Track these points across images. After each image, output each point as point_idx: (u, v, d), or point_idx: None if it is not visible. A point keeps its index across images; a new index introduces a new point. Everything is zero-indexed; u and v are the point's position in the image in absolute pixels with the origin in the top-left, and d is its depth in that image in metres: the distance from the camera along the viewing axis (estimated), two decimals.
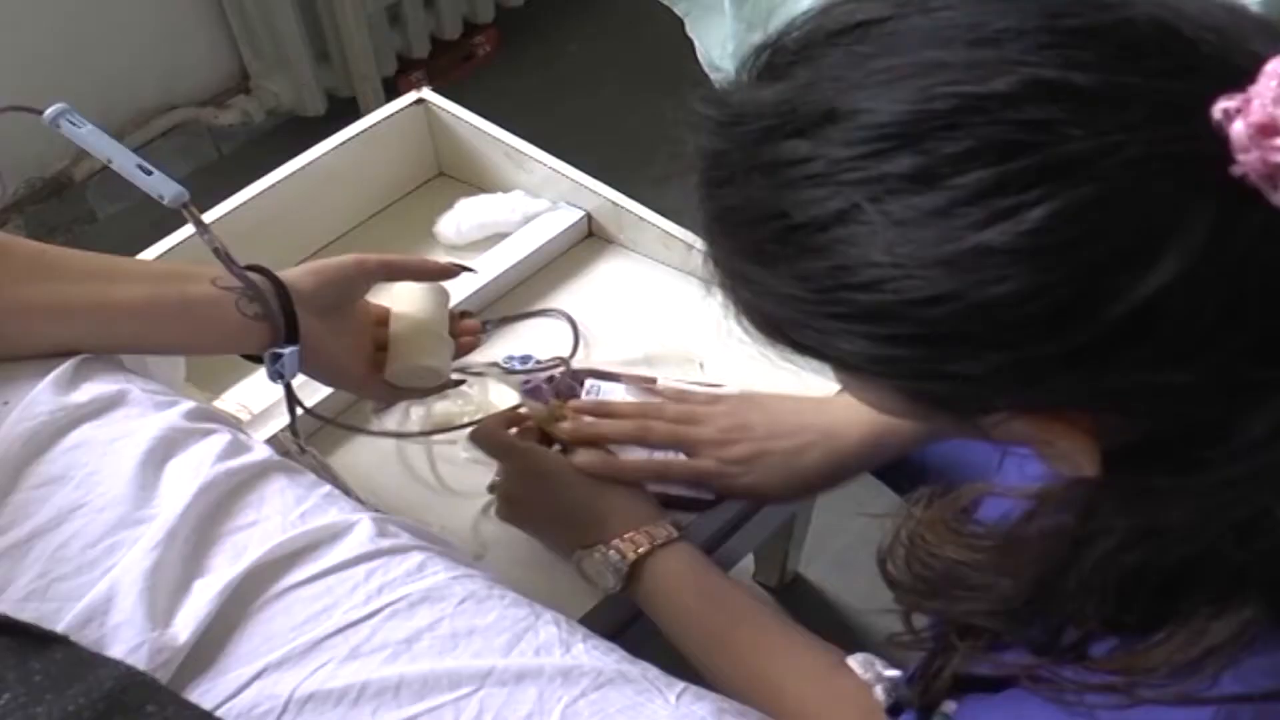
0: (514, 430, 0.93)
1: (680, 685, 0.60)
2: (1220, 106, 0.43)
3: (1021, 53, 0.45)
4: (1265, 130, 0.42)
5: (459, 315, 0.95)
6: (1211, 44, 0.45)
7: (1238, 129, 0.42)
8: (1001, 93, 0.45)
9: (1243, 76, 0.43)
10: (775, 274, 0.51)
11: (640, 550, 0.83)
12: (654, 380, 0.99)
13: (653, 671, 0.60)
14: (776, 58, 0.53)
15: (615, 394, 0.98)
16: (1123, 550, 0.53)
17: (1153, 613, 0.54)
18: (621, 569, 0.84)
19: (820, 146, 0.48)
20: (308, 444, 0.92)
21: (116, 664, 0.52)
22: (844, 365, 0.53)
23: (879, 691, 0.68)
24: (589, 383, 0.99)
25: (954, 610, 0.63)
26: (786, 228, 0.49)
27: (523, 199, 1.22)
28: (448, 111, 1.25)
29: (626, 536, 0.84)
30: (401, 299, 0.91)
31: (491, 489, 0.96)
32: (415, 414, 1.06)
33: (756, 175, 0.51)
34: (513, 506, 0.92)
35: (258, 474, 0.67)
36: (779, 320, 0.54)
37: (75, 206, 2.15)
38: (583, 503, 0.87)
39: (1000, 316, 0.46)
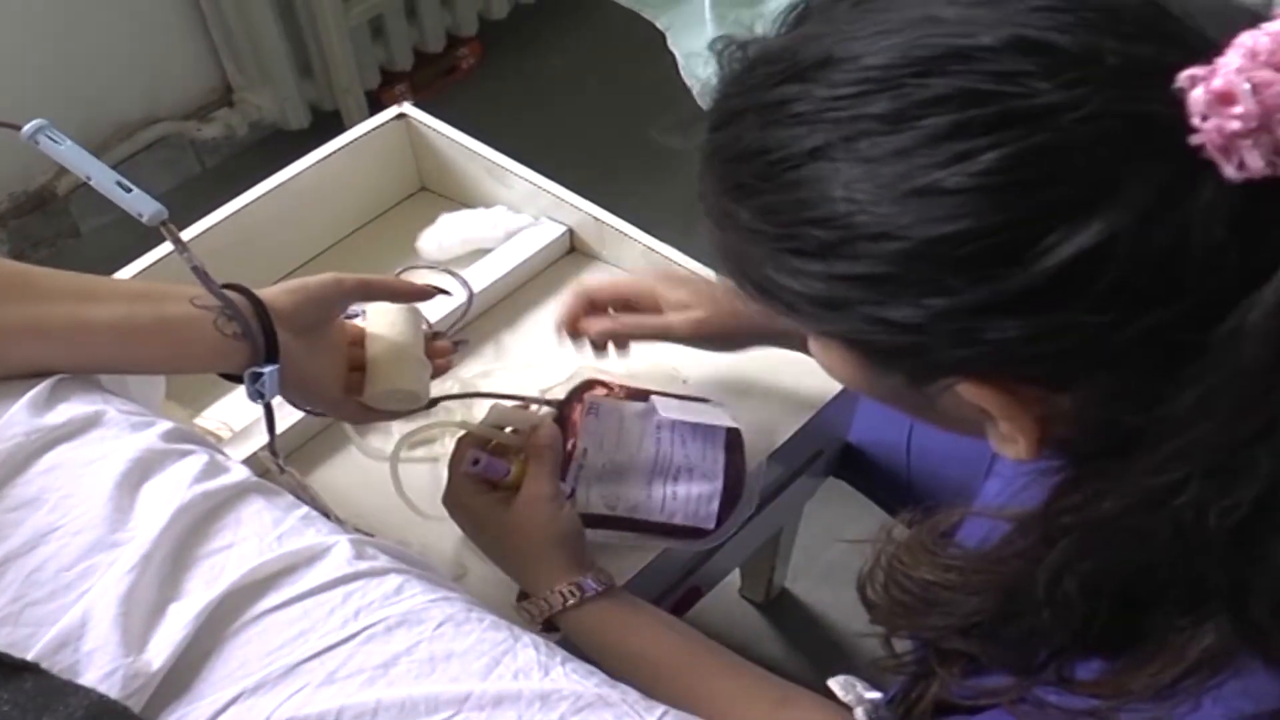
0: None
1: (660, 709, 0.59)
2: (1186, 74, 0.45)
3: (1014, 14, 0.48)
4: (1224, 98, 0.44)
5: (431, 336, 0.95)
6: (1195, 20, 0.47)
7: (1196, 95, 0.44)
8: (985, 45, 0.47)
9: (1217, 52, 0.45)
10: (747, 208, 0.54)
11: (543, 616, 0.84)
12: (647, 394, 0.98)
13: (632, 695, 0.60)
14: (798, 14, 0.56)
15: (616, 413, 0.97)
16: (1076, 557, 0.53)
17: (1121, 631, 0.55)
18: (535, 629, 0.83)
19: (810, 89, 0.51)
20: (287, 464, 0.91)
21: (88, 692, 0.51)
22: (796, 311, 0.56)
23: (860, 714, 0.68)
24: (589, 399, 0.97)
25: (926, 630, 0.64)
26: (766, 164, 0.52)
27: (505, 214, 1.22)
28: (429, 126, 1.24)
29: (536, 599, 0.85)
30: (377, 320, 0.90)
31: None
32: (398, 432, 1.06)
33: (751, 115, 0.54)
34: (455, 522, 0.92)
35: (235, 496, 0.67)
36: (744, 258, 0.56)
37: (58, 220, 2.14)
38: (508, 565, 0.89)
39: (943, 257, 0.48)
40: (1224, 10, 0.48)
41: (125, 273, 1.09)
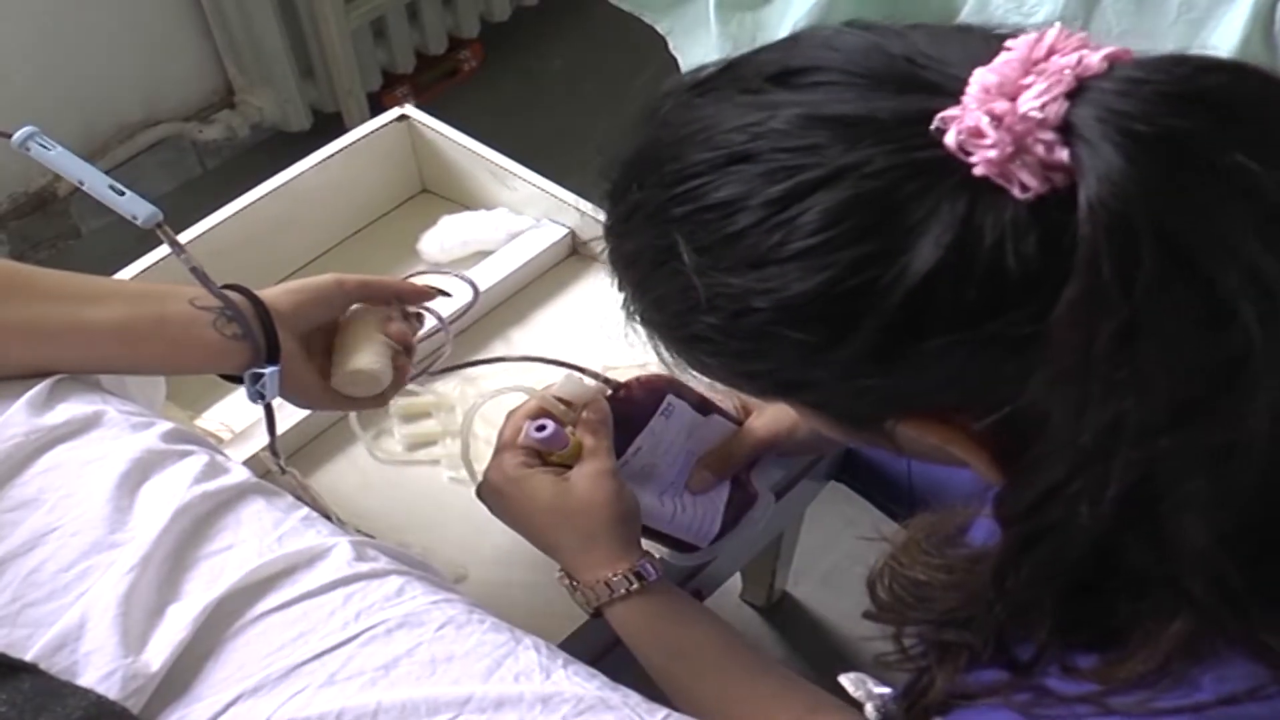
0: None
1: (663, 712, 0.59)
2: (939, 118, 0.49)
3: (800, 94, 0.54)
4: (974, 134, 0.48)
5: (410, 318, 0.92)
6: (947, 64, 0.51)
7: (950, 137, 0.48)
8: (778, 129, 0.52)
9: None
10: (644, 303, 0.61)
11: (598, 603, 0.82)
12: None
13: (634, 698, 0.60)
14: (646, 116, 0.61)
15: (680, 421, 0.95)
16: (1016, 552, 0.55)
17: (1094, 623, 0.56)
18: (588, 612, 0.84)
19: (650, 194, 0.57)
20: (288, 464, 0.91)
21: (86, 693, 0.51)
22: (732, 387, 0.62)
23: (870, 710, 0.68)
24: (670, 401, 0.95)
25: (910, 625, 0.65)
26: (646, 263, 0.59)
27: (506, 216, 1.22)
28: (430, 128, 1.24)
29: (590, 585, 0.82)
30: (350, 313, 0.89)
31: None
32: (398, 433, 1.06)
33: (615, 225, 0.62)
34: (495, 505, 0.89)
35: (235, 496, 0.66)
36: (669, 349, 0.62)
37: (59, 221, 2.14)
38: (561, 545, 0.85)
39: (803, 316, 0.52)
40: (966, 43, 0.52)
41: (125, 274, 1.09)
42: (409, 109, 1.25)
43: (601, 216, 1.14)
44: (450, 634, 0.60)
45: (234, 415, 1.05)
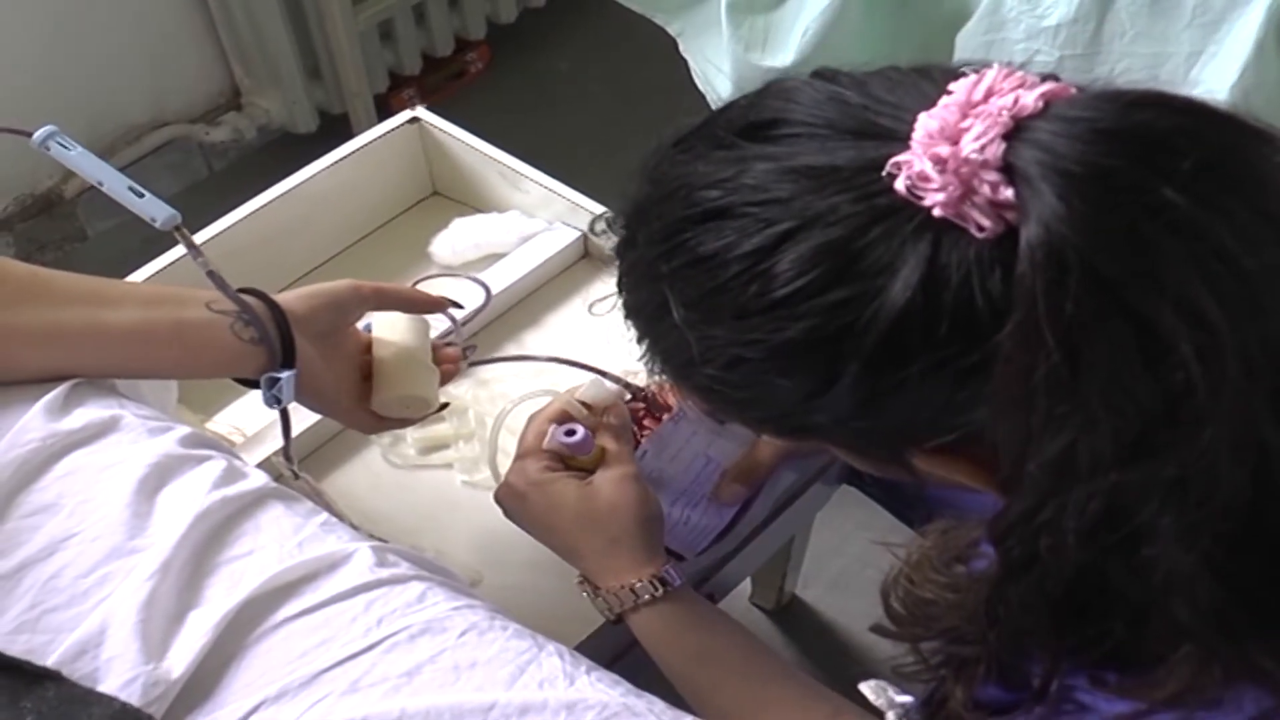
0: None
1: (687, 718, 0.59)
2: (890, 163, 0.51)
3: (769, 149, 0.55)
4: (922, 178, 0.50)
5: (440, 343, 0.94)
6: (901, 109, 0.53)
7: (899, 184, 0.50)
8: (749, 184, 0.54)
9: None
10: (655, 355, 0.63)
11: (621, 609, 0.82)
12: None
13: (659, 705, 0.59)
14: (641, 175, 0.63)
15: (691, 429, 0.95)
16: (1005, 577, 0.56)
17: (1091, 648, 0.56)
18: (609, 618, 0.83)
19: (640, 252, 0.60)
20: (301, 469, 0.91)
21: (111, 700, 0.51)
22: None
23: (891, 718, 0.68)
24: (681, 406, 0.96)
25: (917, 640, 0.65)
26: (642, 321, 0.63)
27: (519, 219, 1.21)
28: (443, 130, 1.24)
29: (614, 590, 0.82)
30: (383, 327, 0.90)
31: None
32: (410, 437, 1.05)
33: (623, 279, 0.64)
34: (516, 510, 0.88)
35: (254, 502, 0.66)
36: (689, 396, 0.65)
37: (65, 224, 2.14)
38: (584, 550, 0.84)
39: (791, 364, 0.55)
40: (920, 88, 0.54)
41: (136, 277, 1.09)
42: (421, 111, 1.25)
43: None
44: (473, 640, 0.59)
45: (245, 419, 1.05)
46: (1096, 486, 0.49)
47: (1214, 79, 1.07)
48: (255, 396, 0.79)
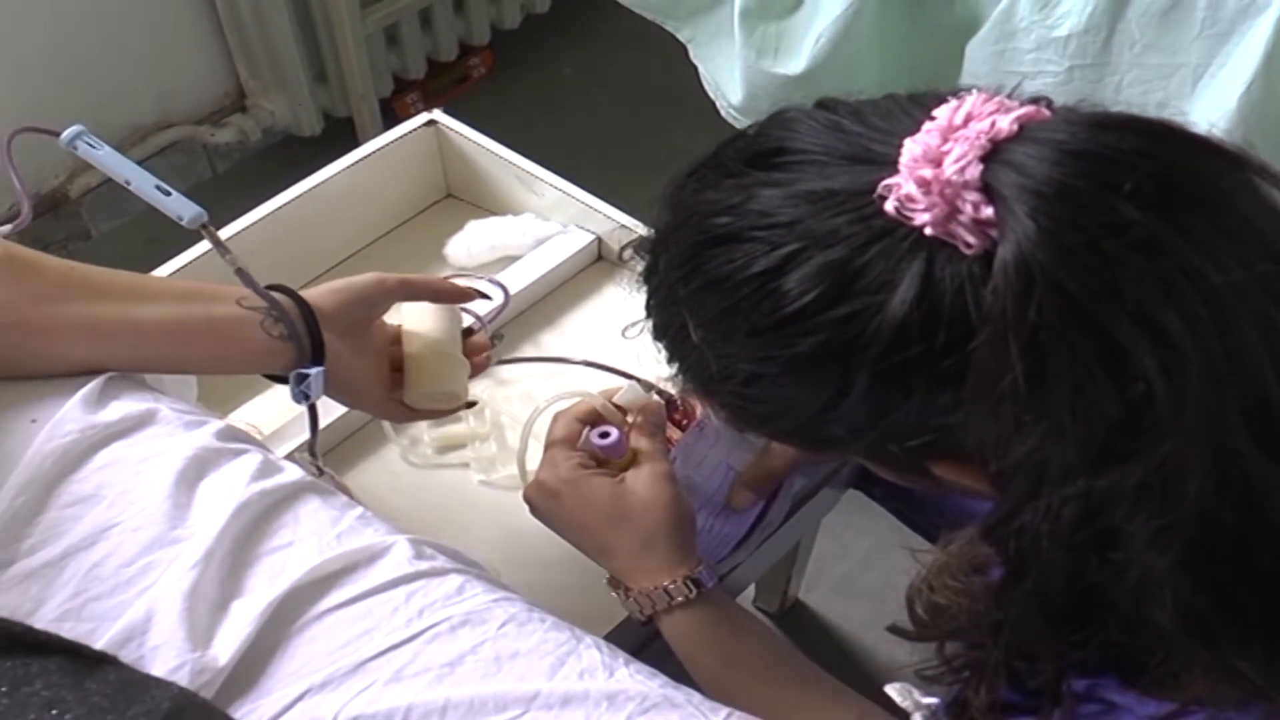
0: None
1: (725, 711, 0.60)
2: (881, 186, 0.53)
3: (771, 174, 0.58)
4: (909, 199, 0.52)
5: (466, 333, 0.95)
6: (891, 134, 0.56)
7: (889, 206, 0.53)
8: (756, 209, 0.57)
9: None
10: (684, 373, 0.66)
11: (653, 610, 0.81)
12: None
13: (696, 697, 0.60)
14: (663, 200, 0.66)
15: (714, 439, 0.94)
16: (1006, 583, 0.58)
17: (1097, 652, 0.58)
18: (639, 619, 0.83)
19: (662, 276, 0.63)
20: (324, 465, 0.92)
21: (169, 685, 0.51)
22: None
23: (918, 719, 0.69)
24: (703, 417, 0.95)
25: (928, 641, 0.67)
26: (668, 342, 0.66)
27: (533, 222, 1.22)
28: (459, 133, 1.25)
29: (646, 591, 0.81)
30: (413, 319, 0.90)
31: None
32: (428, 435, 1.06)
33: (657, 296, 0.66)
34: (547, 507, 0.87)
35: (291, 495, 0.67)
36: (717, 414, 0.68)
37: (70, 223, 2.14)
38: (616, 549, 0.83)
39: (805, 378, 0.57)
40: (912, 114, 0.56)
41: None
42: (437, 114, 1.26)
43: (625, 221, 1.16)
44: (512, 631, 0.60)
45: (261, 416, 1.06)
46: (1069, 492, 0.52)
47: (1222, 90, 1.08)
48: (271, 394, 0.80)
